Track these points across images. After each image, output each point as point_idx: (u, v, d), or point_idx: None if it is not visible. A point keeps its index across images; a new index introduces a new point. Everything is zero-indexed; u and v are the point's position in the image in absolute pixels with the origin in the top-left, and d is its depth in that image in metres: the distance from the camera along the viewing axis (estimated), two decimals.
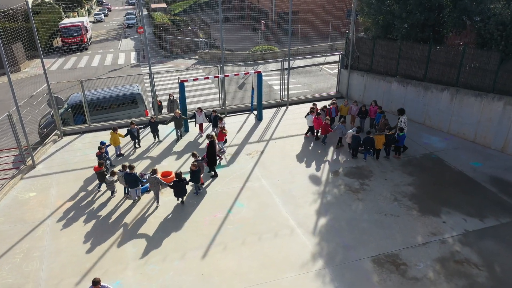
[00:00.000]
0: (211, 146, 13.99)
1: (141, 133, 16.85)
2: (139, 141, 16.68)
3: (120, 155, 16.00)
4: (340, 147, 16.35)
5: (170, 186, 12.61)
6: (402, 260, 10.61)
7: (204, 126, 17.98)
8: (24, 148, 15.26)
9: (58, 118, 17.53)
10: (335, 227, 11.86)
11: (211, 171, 14.49)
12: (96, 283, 8.76)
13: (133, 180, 12.78)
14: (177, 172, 12.60)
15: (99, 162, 13.55)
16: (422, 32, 17.97)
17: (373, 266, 10.44)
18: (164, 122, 17.22)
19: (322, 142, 16.70)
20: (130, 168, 12.78)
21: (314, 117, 16.61)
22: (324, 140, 16.66)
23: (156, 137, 17.20)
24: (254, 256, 10.82)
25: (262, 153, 16.12)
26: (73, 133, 18.13)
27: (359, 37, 20.85)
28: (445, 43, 18.67)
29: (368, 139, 15.06)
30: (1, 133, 17.83)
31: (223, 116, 18.69)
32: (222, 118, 16.67)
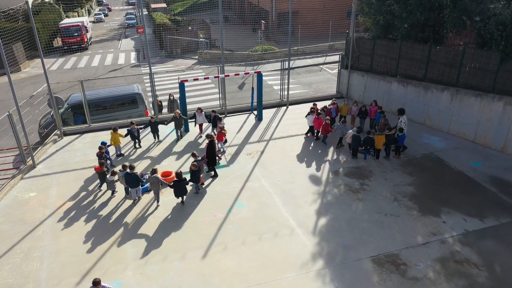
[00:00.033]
0: (210, 146, 14.01)
1: (141, 133, 16.85)
2: (139, 141, 16.69)
3: (120, 155, 16.02)
4: (340, 147, 16.36)
5: (170, 186, 12.64)
6: (402, 260, 10.61)
7: (204, 126, 17.98)
8: (24, 148, 15.28)
9: (58, 118, 17.54)
10: (335, 227, 11.86)
11: (210, 171, 14.51)
12: (96, 283, 8.76)
13: (133, 180, 12.80)
14: (177, 172, 12.61)
15: (99, 162, 13.58)
16: (422, 32, 17.97)
17: (373, 266, 10.44)
18: (164, 122, 17.22)
19: (322, 142, 16.71)
20: (131, 168, 12.80)
21: (315, 117, 16.62)
22: (324, 140, 16.66)
23: (156, 137, 17.21)
24: (254, 256, 10.82)
25: (262, 153, 16.13)
26: (73, 133, 18.14)
27: (359, 37, 20.85)
28: (445, 43, 18.66)
29: (368, 139, 15.06)
30: (1, 133, 17.85)
31: (223, 116, 18.72)
32: (222, 118, 16.69)
